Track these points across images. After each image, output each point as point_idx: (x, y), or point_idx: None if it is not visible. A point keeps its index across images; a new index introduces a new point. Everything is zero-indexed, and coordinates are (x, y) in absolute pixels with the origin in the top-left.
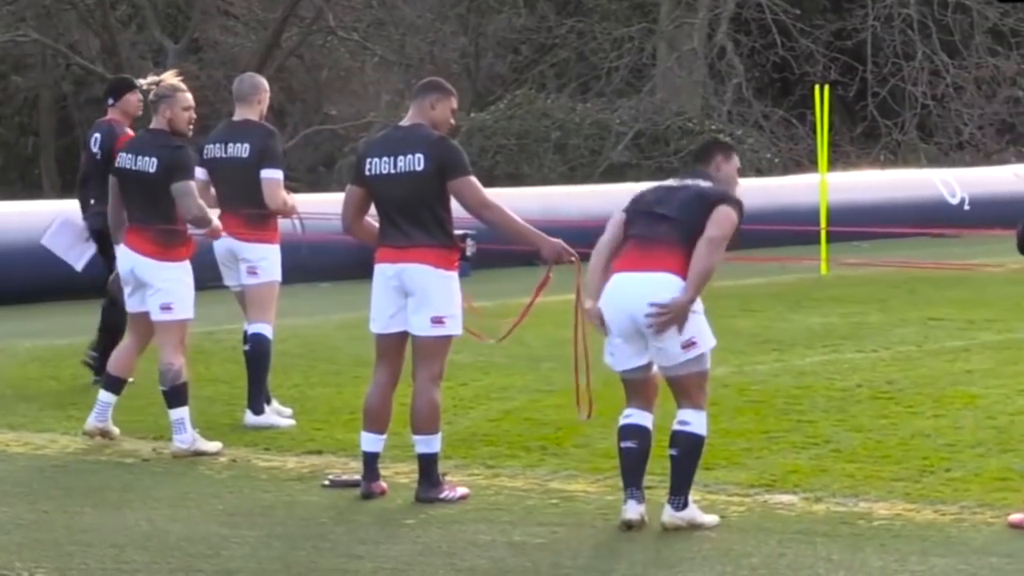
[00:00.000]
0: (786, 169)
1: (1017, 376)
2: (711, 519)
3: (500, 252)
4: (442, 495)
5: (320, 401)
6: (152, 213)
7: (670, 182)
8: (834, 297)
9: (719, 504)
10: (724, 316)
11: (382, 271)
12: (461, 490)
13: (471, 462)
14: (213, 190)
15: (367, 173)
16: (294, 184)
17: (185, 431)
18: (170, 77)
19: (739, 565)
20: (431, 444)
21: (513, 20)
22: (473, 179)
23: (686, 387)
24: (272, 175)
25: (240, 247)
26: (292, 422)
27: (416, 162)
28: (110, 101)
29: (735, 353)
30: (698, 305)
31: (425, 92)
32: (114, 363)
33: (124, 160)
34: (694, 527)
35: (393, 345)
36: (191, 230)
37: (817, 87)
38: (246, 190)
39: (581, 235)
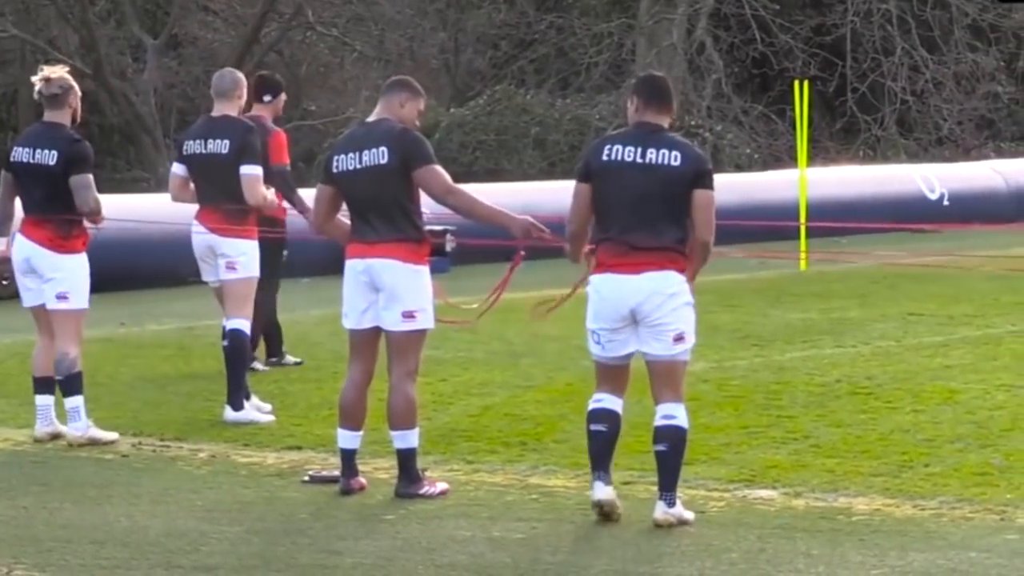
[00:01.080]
0: (765, 165)
1: (996, 371)
2: (691, 515)
3: (481, 247)
4: (422, 491)
5: (299, 397)
6: (51, 205)
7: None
8: (814, 292)
9: (699, 499)
10: (704, 312)
11: (352, 267)
12: (441, 485)
13: (450, 458)
14: (192, 185)
15: (334, 170)
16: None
17: (79, 419)
18: (61, 71)
19: (719, 560)
20: (408, 439)
21: (493, 16)
22: (437, 167)
23: (671, 374)
24: (252, 171)
25: (219, 242)
26: (272, 418)
27: (380, 155)
28: (267, 99)
29: (715, 348)
30: (691, 298)
31: (395, 89)
32: (38, 366)
33: (21, 154)
34: (683, 523)
35: (366, 341)
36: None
37: (797, 83)
38: (225, 186)
39: (561, 230)
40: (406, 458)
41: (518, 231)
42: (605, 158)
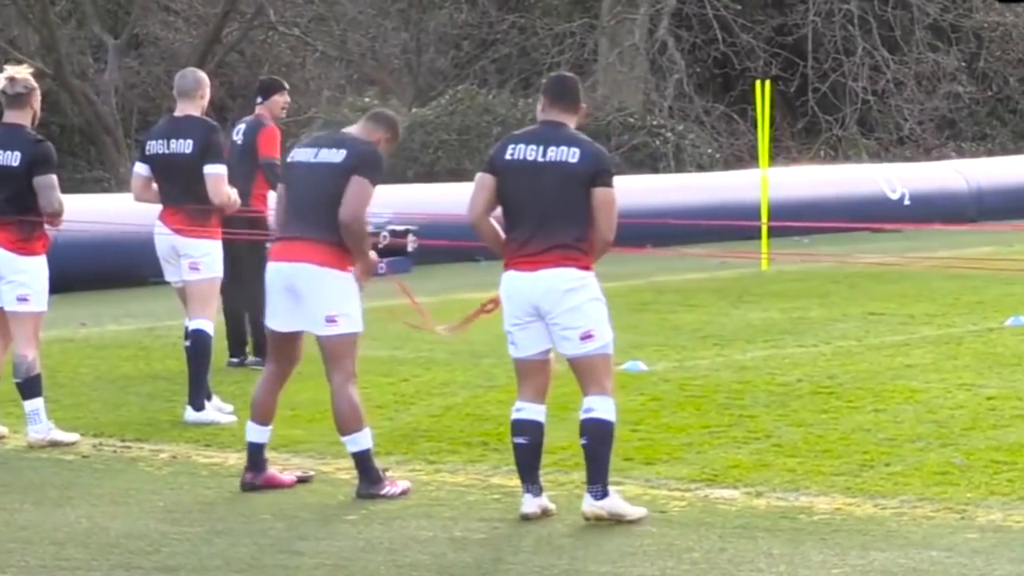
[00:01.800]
0: (727, 164)
1: (956, 371)
2: (637, 511)
3: (441, 248)
4: (383, 491)
5: None
6: (12, 207)
7: None
8: (775, 292)
9: (660, 499)
10: (665, 311)
11: (275, 268)
12: (403, 484)
13: (412, 458)
14: (155, 185)
15: (288, 160)
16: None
17: (40, 421)
18: (25, 71)
19: (680, 560)
20: (359, 442)
21: (454, 16)
22: (371, 189)
23: (588, 369)
24: (216, 171)
25: (182, 243)
26: (233, 418)
27: (336, 155)
28: (259, 100)
29: (676, 348)
30: (599, 293)
31: (377, 123)
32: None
33: None
34: (617, 517)
35: (286, 341)
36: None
37: (758, 82)
38: (188, 186)
39: None
40: (362, 460)
41: (369, 272)
42: (508, 157)
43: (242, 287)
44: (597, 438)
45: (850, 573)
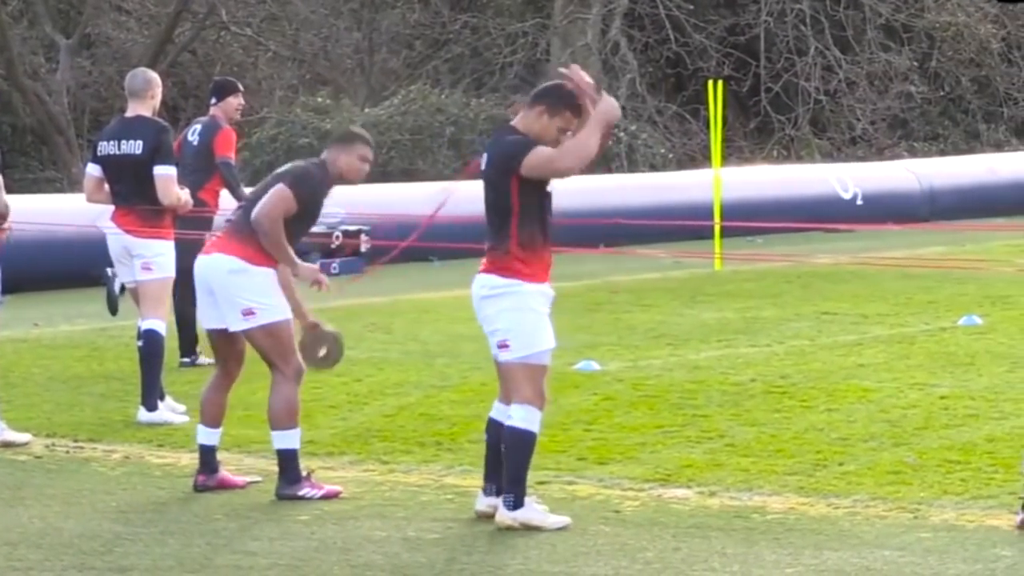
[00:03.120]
0: (680, 164)
1: (909, 370)
2: (556, 521)
3: (394, 247)
4: (300, 492)
5: None
6: None
7: None
8: (728, 292)
9: (614, 499)
10: (619, 311)
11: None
12: (329, 487)
13: (366, 458)
14: (107, 186)
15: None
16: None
17: None
18: None
19: (634, 559)
20: (285, 440)
21: (407, 15)
22: (287, 196)
23: (509, 378)
24: (165, 171)
25: (134, 243)
26: (186, 418)
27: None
28: (212, 100)
29: (629, 348)
30: (522, 301)
31: (350, 143)
32: None
33: None
34: (530, 528)
35: (220, 340)
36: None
37: (711, 82)
38: (139, 186)
39: (475, 230)
40: (285, 458)
41: (303, 276)
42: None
43: (193, 287)
44: (510, 446)
45: (804, 572)
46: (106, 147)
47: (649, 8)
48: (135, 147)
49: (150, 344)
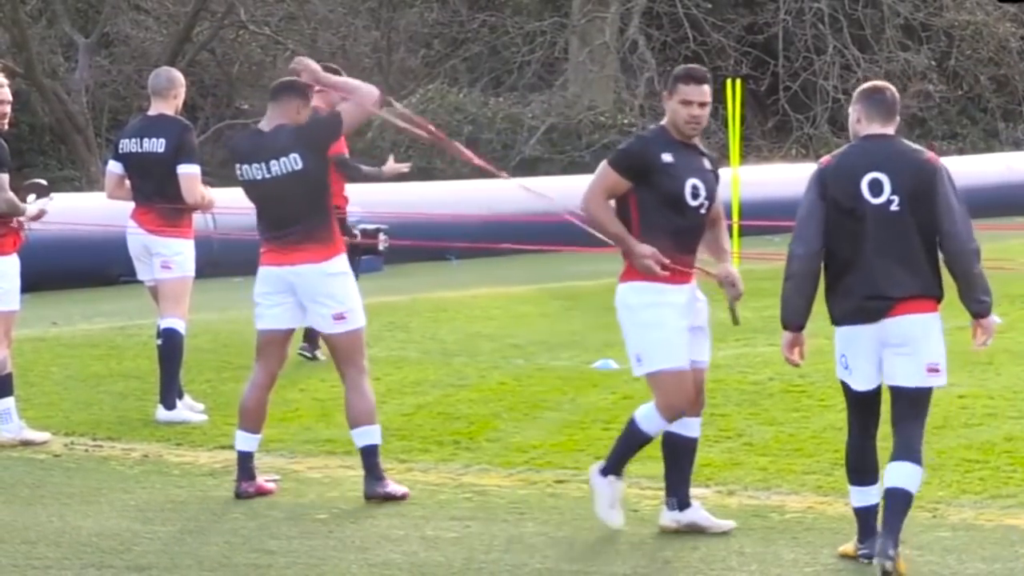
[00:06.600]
0: None
1: None
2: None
3: (413, 247)
4: (388, 489)
5: (232, 396)
6: None
7: None
8: (746, 291)
9: (632, 498)
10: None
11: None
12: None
13: (384, 457)
14: (128, 183)
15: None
16: (206, 179)
17: (11, 420)
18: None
19: (652, 559)
20: (371, 435)
21: (425, 15)
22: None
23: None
24: (189, 170)
25: (154, 241)
26: (204, 417)
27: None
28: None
29: None
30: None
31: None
32: None
33: None
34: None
35: (278, 341)
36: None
37: (729, 81)
38: (161, 184)
39: (493, 229)
40: (370, 455)
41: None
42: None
43: None
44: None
45: (822, 571)
46: (128, 145)
47: (667, 7)
48: (158, 145)
49: (169, 343)
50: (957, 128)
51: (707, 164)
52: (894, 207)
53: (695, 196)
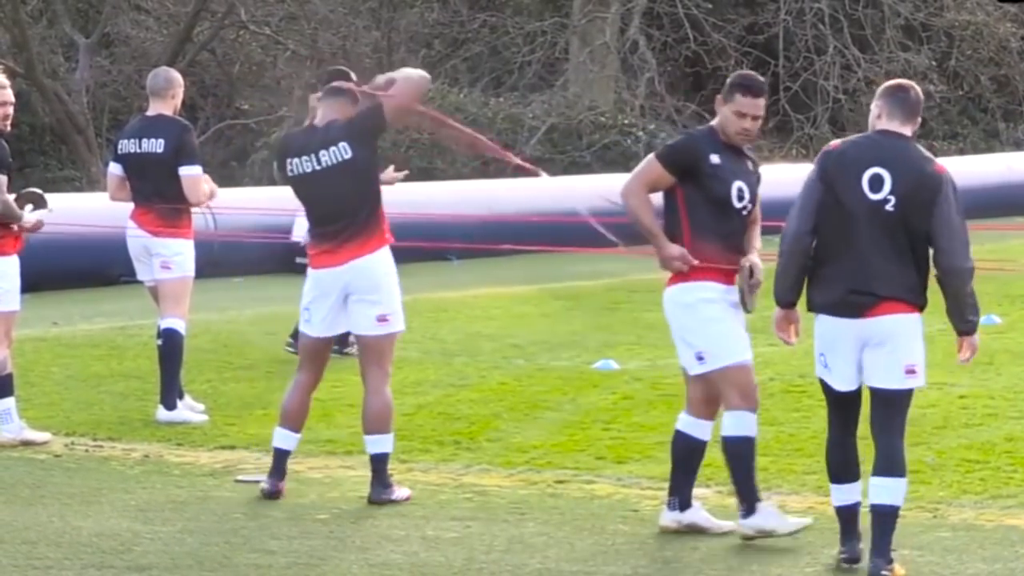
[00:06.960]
0: None
1: (928, 369)
2: (793, 523)
3: (410, 248)
4: (394, 495)
5: (233, 396)
6: None
7: None
8: None
9: (632, 498)
10: (636, 310)
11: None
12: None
13: None
14: (128, 184)
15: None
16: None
17: (11, 420)
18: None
19: (653, 559)
20: (385, 443)
21: (426, 15)
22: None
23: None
24: (191, 171)
25: (154, 242)
26: (205, 417)
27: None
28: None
29: (648, 347)
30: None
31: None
32: None
33: None
34: (766, 535)
35: (324, 345)
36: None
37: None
38: (160, 185)
39: (493, 229)
40: (380, 462)
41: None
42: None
43: None
44: (728, 458)
45: (822, 571)
46: (127, 145)
47: (668, 7)
48: (156, 146)
49: (169, 343)
50: (957, 128)
51: (750, 166)
52: (889, 207)
53: (740, 198)
